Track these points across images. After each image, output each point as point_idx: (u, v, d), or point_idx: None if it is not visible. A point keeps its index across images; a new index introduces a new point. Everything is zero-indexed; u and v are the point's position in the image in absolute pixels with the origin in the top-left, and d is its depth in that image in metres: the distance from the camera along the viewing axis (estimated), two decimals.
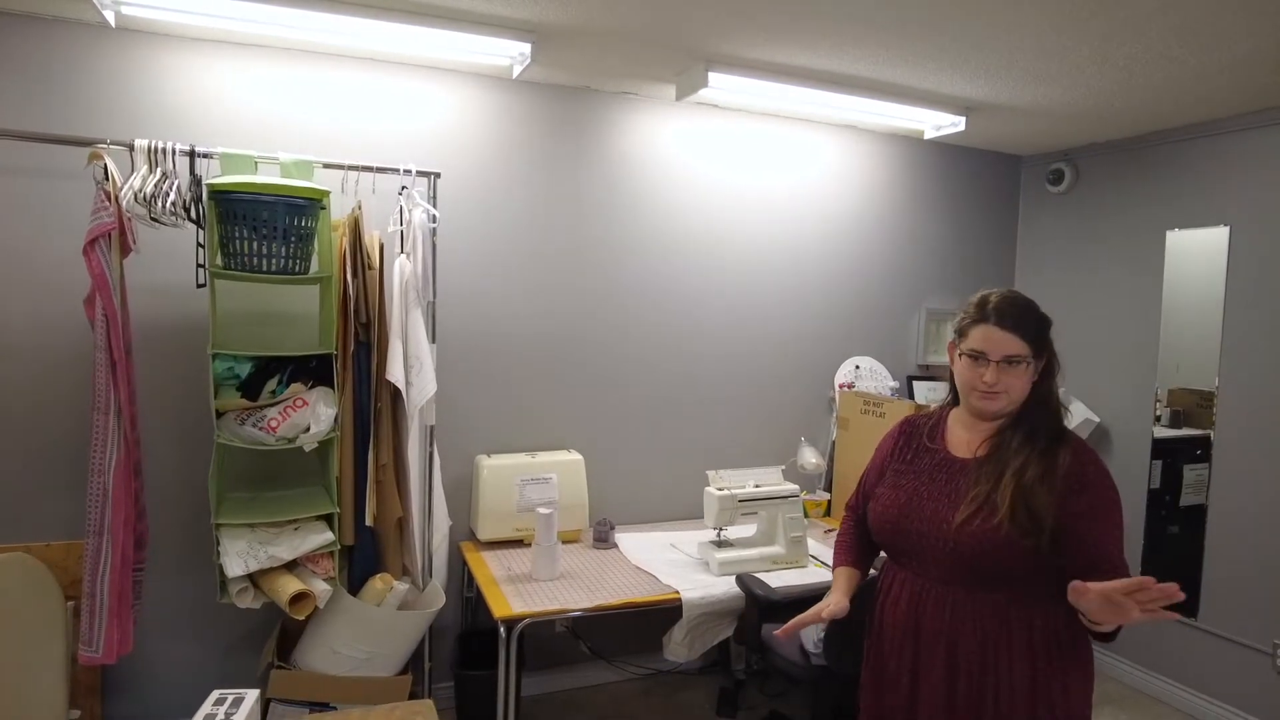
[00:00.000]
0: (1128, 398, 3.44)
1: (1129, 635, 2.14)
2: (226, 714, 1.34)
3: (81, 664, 2.25)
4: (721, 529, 2.78)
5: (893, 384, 3.63)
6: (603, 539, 2.93)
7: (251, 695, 1.40)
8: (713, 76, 2.69)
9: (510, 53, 2.52)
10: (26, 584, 2.32)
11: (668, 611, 2.51)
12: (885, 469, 1.79)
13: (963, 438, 1.69)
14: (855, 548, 1.87)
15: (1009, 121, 3.27)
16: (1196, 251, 3.21)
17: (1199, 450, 3.20)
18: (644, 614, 2.56)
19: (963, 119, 3.10)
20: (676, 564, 2.77)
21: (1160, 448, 3.34)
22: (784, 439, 3.48)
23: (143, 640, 2.61)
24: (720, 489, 2.73)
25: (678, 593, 2.51)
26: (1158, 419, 3.35)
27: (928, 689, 1.63)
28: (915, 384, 3.70)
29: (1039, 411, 1.62)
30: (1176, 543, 3.28)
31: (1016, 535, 1.51)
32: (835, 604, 1.71)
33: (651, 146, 3.19)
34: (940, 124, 3.18)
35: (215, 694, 1.41)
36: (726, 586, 2.55)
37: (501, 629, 2.34)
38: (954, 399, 1.74)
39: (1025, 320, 1.59)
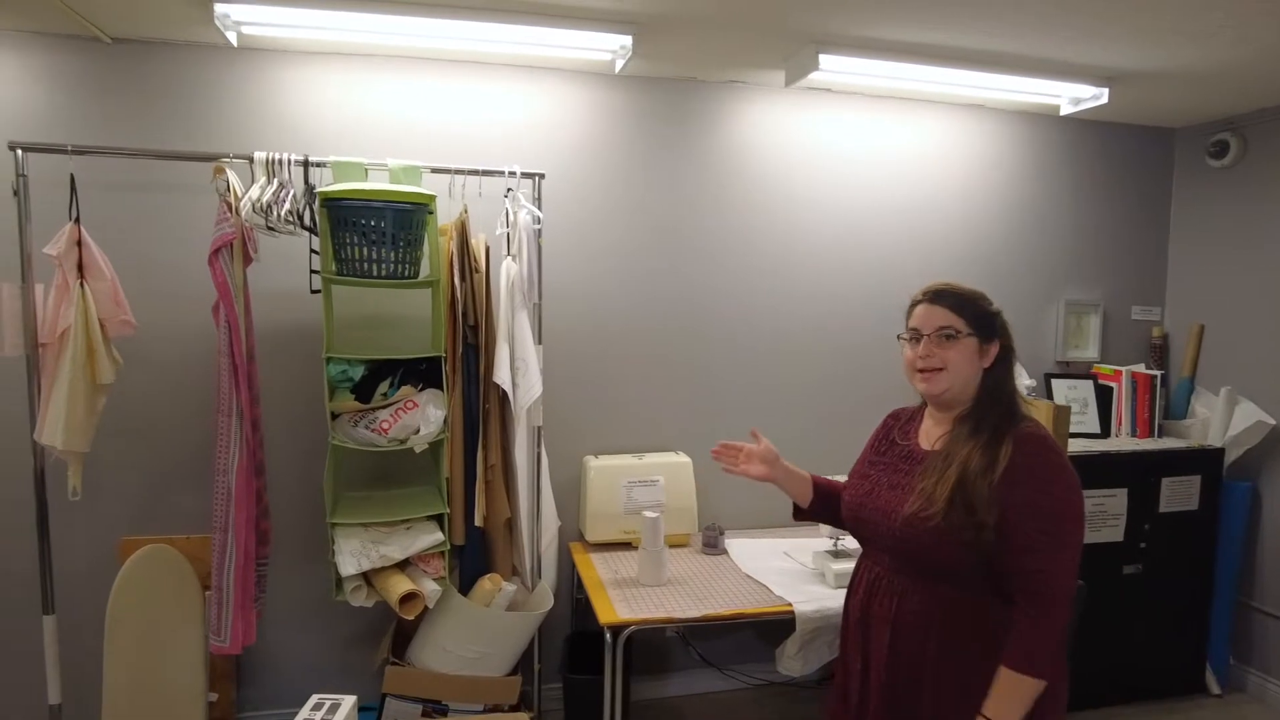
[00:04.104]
0: None
1: None
2: (324, 719, 1.34)
3: (212, 653, 2.37)
4: (838, 539, 2.64)
5: (1029, 382, 3.35)
6: (712, 544, 2.84)
7: (349, 701, 1.40)
8: (824, 59, 2.54)
9: (611, 46, 2.46)
10: (168, 574, 2.47)
11: (782, 621, 2.40)
12: (864, 459, 1.84)
13: (929, 430, 1.72)
14: (826, 487, 1.96)
15: (1159, 90, 2.94)
16: None
17: None
18: (757, 622, 2.46)
19: (1105, 90, 2.81)
20: (789, 574, 2.64)
21: None
22: None
23: (269, 631, 2.73)
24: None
25: (791, 605, 2.39)
26: None
27: (875, 676, 1.66)
28: (1054, 382, 3.40)
29: (988, 401, 1.62)
30: None
31: (953, 529, 1.52)
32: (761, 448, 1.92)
33: (759, 136, 3.06)
34: (1079, 97, 2.90)
35: (314, 699, 1.42)
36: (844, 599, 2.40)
37: (608, 635, 2.29)
38: None
39: (960, 299, 1.64)
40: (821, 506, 1.95)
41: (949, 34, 2.44)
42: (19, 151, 2.18)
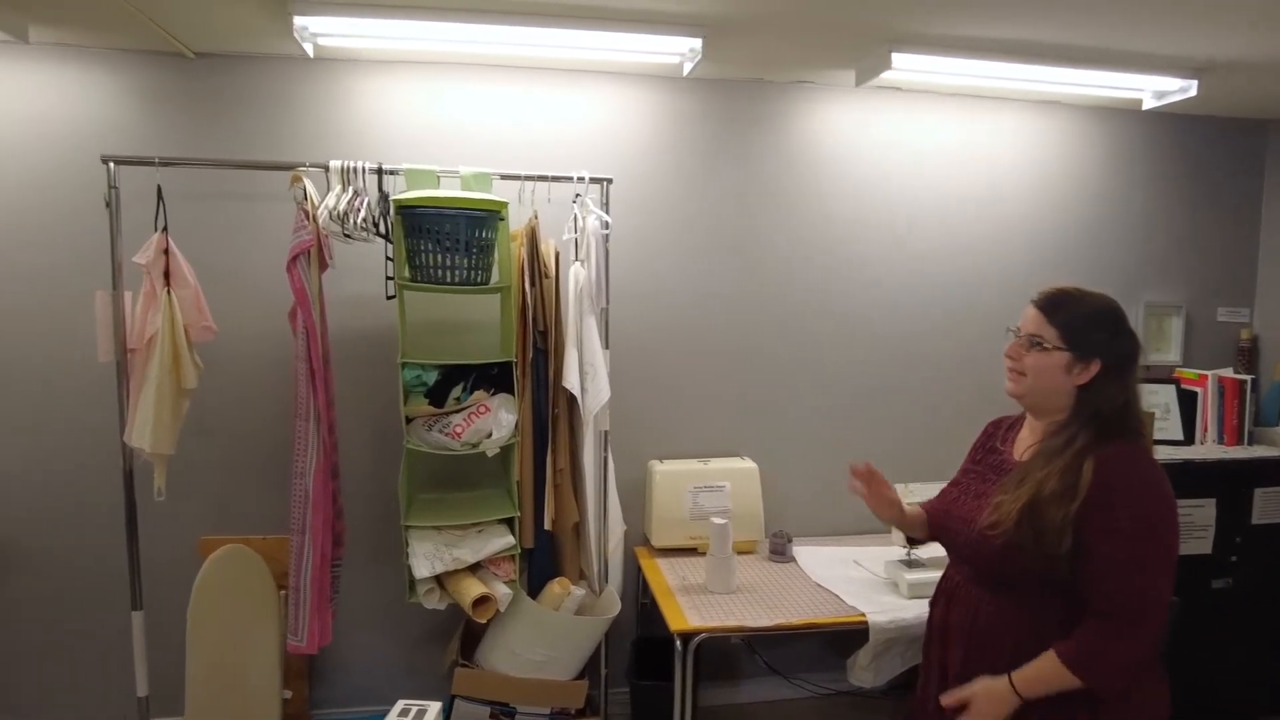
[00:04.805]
0: None
1: None
2: None
3: (289, 652, 2.42)
4: (912, 548, 2.58)
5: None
6: (779, 551, 2.81)
7: (433, 708, 1.42)
8: (896, 57, 2.49)
9: (681, 49, 2.45)
10: (245, 574, 2.53)
11: (852, 631, 2.36)
12: (962, 467, 1.83)
13: (1024, 439, 1.69)
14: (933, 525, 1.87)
15: (1254, 81, 2.80)
16: None
17: None
18: (825, 631, 2.42)
19: (1194, 83, 2.69)
20: (860, 583, 2.59)
21: None
22: None
23: (340, 631, 2.77)
24: (911, 504, 2.52)
25: (864, 615, 2.35)
26: None
27: (952, 685, 1.62)
28: None
29: (1081, 419, 1.54)
30: None
31: (1019, 548, 1.49)
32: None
33: (827, 136, 3.01)
34: (1165, 90, 2.78)
35: (400, 704, 1.44)
36: (919, 610, 2.34)
37: (678, 642, 2.28)
38: None
39: (1060, 309, 1.56)
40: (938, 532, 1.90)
41: (1026, 29, 2.36)
42: (111, 164, 2.25)
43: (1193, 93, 2.71)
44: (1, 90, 2.53)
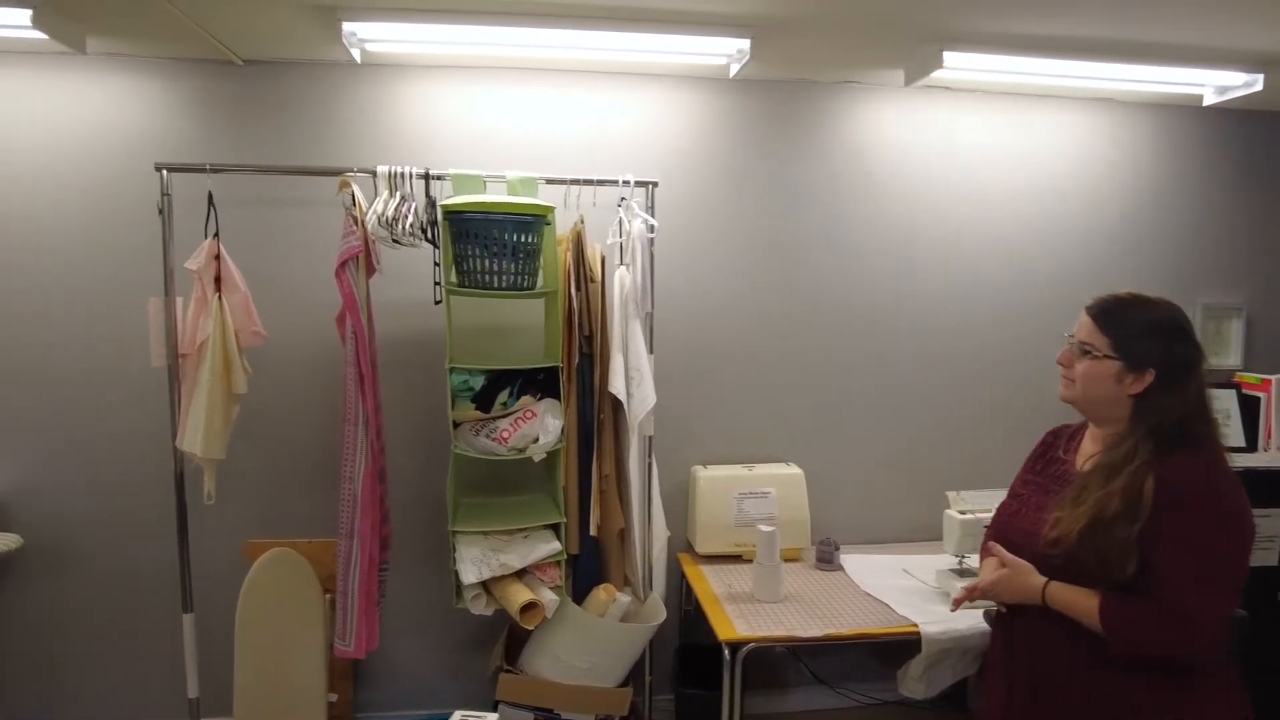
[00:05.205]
0: None
1: None
2: None
3: (336, 656, 2.42)
4: (964, 557, 2.52)
5: None
6: (826, 559, 2.76)
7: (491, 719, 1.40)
8: (948, 56, 2.44)
9: (729, 50, 2.42)
10: (291, 577, 2.55)
11: (902, 642, 2.31)
12: (1020, 477, 1.79)
13: (1086, 448, 1.64)
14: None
15: None
16: None
17: None
18: (874, 642, 2.38)
19: (1259, 77, 2.60)
20: (910, 592, 2.54)
21: None
22: None
23: (386, 634, 2.78)
24: (963, 512, 2.47)
25: (916, 626, 2.30)
26: None
27: (1019, 698, 1.62)
28: None
29: (1139, 430, 1.50)
30: None
31: (1082, 567, 1.46)
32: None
33: (875, 137, 2.96)
34: (1227, 85, 2.69)
35: (459, 715, 1.43)
36: (972, 621, 2.29)
37: (726, 652, 2.25)
38: None
39: (1113, 318, 1.54)
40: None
41: (1082, 24, 2.30)
42: (164, 172, 2.28)
43: (1258, 87, 2.63)
44: (59, 100, 2.58)
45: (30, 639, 2.73)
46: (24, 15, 2.11)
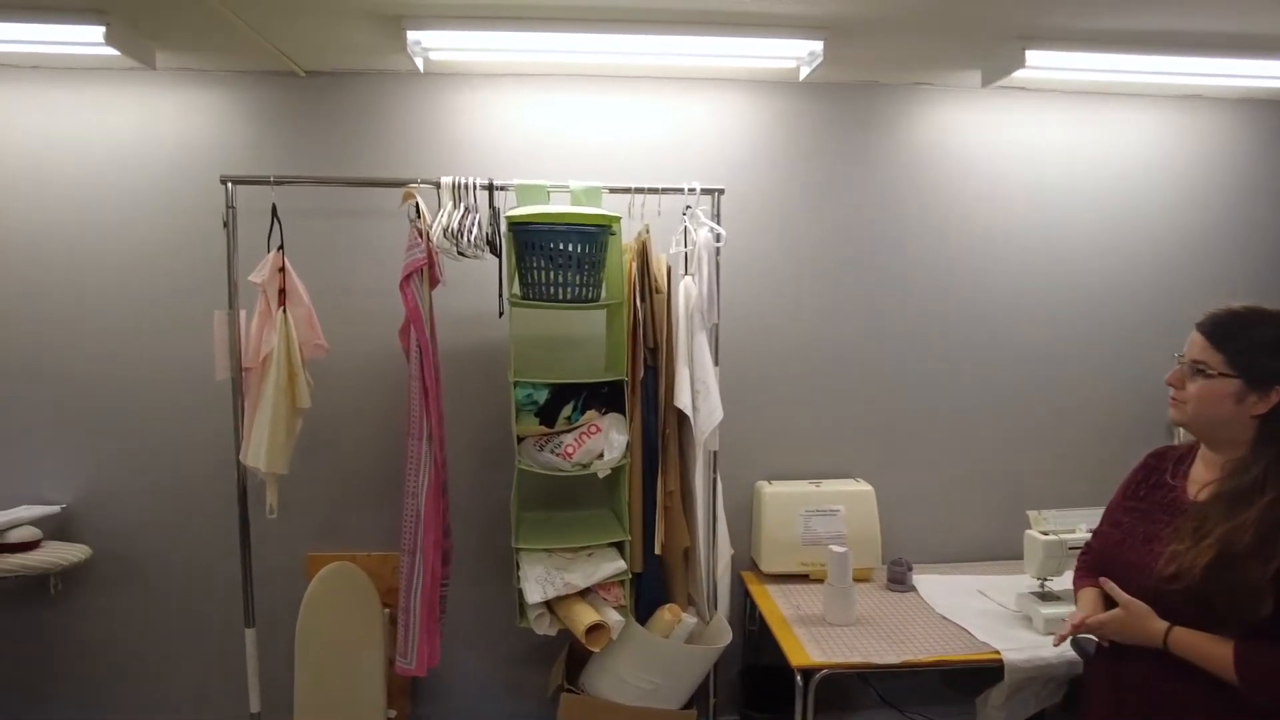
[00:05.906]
0: None
1: None
2: None
3: (397, 673, 2.39)
4: (1046, 579, 2.40)
5: None
6: (899, 580, 2.65)
7: None
8: (1030, 54, 2.34)
9: (800, 53, 2.34)
10: (351, 591, 2.52)
11: (981, 669, 2.20)
12: (1117, 504, 1.68)
13: (1198, 474, 1.53)
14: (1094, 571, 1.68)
15: None
16: None
17: None
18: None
19: None
20: (989, 615, 2.43)
21: None
22: (1120, 474, 2.97)
23: (445, 649, 2.73)
24: (1045, 533, 2.35)
25: (998, 653, 2.19)
26: None
27: None
28: None
29: (1263, 454, 1.40)
30: None
31: (1208, 608, 1.36)
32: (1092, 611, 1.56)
33: (949, 140, 2.85)
34: None
35: None
36: (1058, 649, 2.16)
37: (799, 678, 2.16)
38: None
39: (1227, 334, 1.44)
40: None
41: (1170, 17, 2.19)
42: (229, 184, 2.27)
43: None
44: (127, 115, 2.60)
45: (98, 647, 2.75)
46: (97, 33, 2.12)
